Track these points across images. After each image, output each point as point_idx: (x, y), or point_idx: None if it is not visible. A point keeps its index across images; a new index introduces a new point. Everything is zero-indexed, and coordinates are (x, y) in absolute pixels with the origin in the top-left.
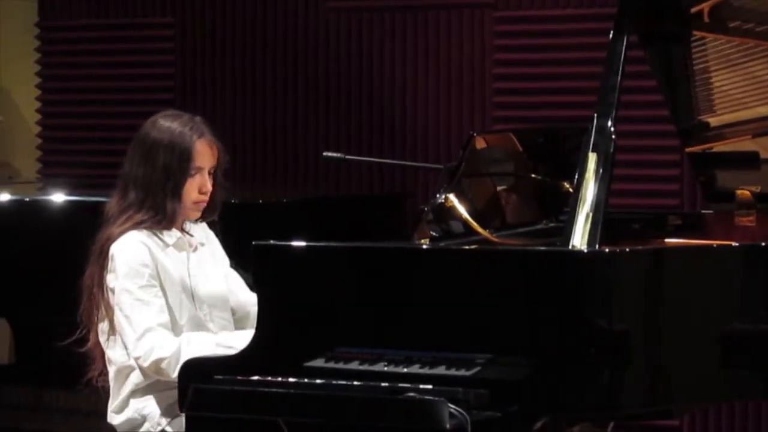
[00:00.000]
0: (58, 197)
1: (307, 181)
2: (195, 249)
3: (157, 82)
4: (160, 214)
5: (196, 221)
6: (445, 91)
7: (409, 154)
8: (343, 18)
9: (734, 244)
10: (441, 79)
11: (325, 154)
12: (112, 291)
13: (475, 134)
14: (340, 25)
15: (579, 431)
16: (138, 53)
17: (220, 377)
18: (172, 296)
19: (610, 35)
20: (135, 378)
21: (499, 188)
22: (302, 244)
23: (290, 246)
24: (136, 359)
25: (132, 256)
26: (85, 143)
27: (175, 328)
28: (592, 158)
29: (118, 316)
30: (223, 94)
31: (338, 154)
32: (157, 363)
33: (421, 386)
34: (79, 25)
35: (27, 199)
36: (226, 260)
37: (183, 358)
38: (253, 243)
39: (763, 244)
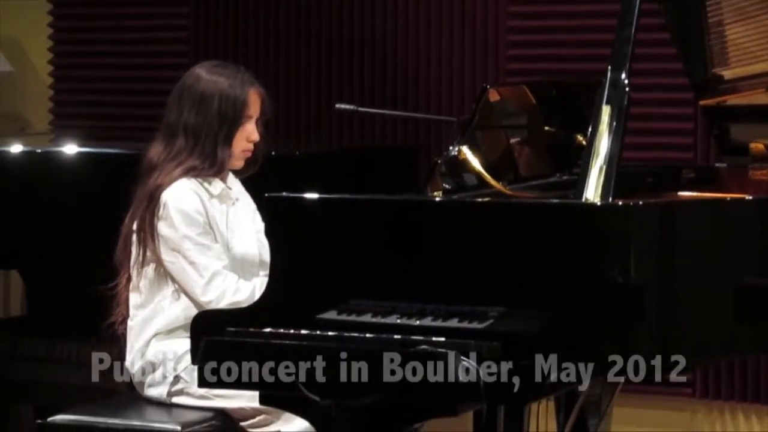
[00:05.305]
0: (71, 149)
1: (319, 134)
2: (234, 203)
3: (172, 33)
4: (209, 161)
5: (237, 175)
6: (458, 44)
7: (422, 107)
8: None
9: (748, 197)
10: (454, 32)
11: (337, 105)
12: (163, 238)
13: (488, 87)
14: None
15: (588, 388)
16: (153, 5)
17: (232, 329)
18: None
19: None
20: (159, 323)
21: (512, 141)
22: (315, 195)
23: (303, 198)
24: (207, 303)
25: (186, 203)
26: (98, 94)
27: None
28: (605, 111)
29: (181, 263)
30: (236, 46)
31: (351, 106)
32: (233, 306)
33: (434, 338)
34: None
35: (39, 151)
36: (258, 215)
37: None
38: (266, 195)
39: None
